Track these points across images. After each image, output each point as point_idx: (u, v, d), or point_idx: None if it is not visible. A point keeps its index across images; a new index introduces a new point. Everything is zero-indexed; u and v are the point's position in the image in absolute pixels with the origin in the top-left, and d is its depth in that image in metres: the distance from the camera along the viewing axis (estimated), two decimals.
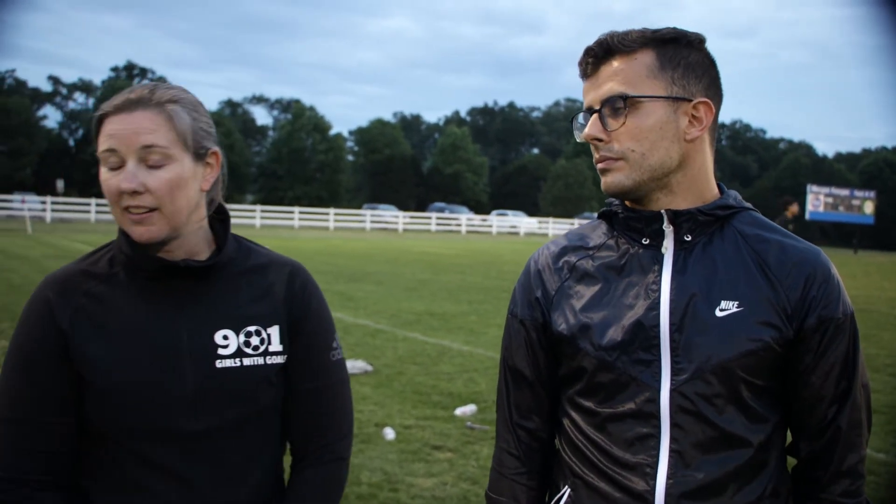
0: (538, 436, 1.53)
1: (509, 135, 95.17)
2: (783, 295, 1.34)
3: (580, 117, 1.43)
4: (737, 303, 1.33)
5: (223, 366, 1.44)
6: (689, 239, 1.38)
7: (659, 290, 1.36)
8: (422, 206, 64.83)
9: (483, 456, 5.17)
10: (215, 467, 1.44)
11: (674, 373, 1.33)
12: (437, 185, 70.49)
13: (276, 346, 1.51)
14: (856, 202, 55.80)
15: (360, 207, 56.01)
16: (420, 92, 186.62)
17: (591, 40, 1.39)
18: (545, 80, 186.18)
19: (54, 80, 67.96)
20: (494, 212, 57.86)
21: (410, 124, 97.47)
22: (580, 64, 1.41)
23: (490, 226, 50.19)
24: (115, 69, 66.40)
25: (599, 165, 1.39)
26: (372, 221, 46.10)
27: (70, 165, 58.02)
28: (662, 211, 1.38)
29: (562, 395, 1.49)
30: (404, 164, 69.74)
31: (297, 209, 44.00)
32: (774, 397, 1.39)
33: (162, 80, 65.70)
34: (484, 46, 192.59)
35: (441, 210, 54.17)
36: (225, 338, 1.46)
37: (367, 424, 5.75)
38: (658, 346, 1.34)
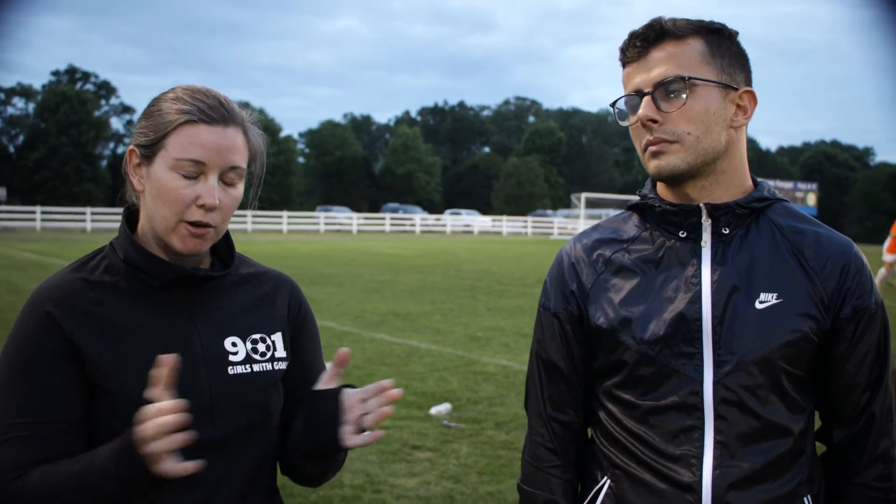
0: (573, 428, 1.54)
1: (460, 134, 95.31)
2: (820, 286, 1.38)
3: (621, 102, 1.44)
4: (776, 294, 1.37)
5: (235, 372, 1.44)
6: (727, 232, 1.41)
7: (700, 283, 1.39)
8: (375, 206, 64.55)
9: (462, 454, 5.20)
10: (230, 474, 1.43)
11: (716, 365, 1.35)
12: (390, 186, 70.33)
13: (280, 352, 1.52)
14: (799, 194, 57.33)
15: (313, 210, 55.56)
16: (370, 93, 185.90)
17: (540, 38, 1.40)
18: (495, 79, 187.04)
19: None
20: (448, 211, 57.91)
21: (361, 125, 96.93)
22: (625, 48, 1.41)
23: (444, 225, 50.20)
24: (56, 73, 64.66)
25: (652, 148, 1.39)
26: (326, 223, 45.76)
27: (11, 173, 56.31)
28: (701, 205, 1.40)
29: (596, 387, 1.51)
30: (356, 165, 69.45)
31: (249, 212, 43.36)
32: (810, 386, 1.42)
33: (106, 84, 64.42)
34: (435, 46, 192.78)
35: (395, 210, 54.02)
36: (234, 345, 1.46)
37: None
38: (700, 339, 1.37)
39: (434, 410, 6.21)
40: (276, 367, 1.51)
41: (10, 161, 58.87)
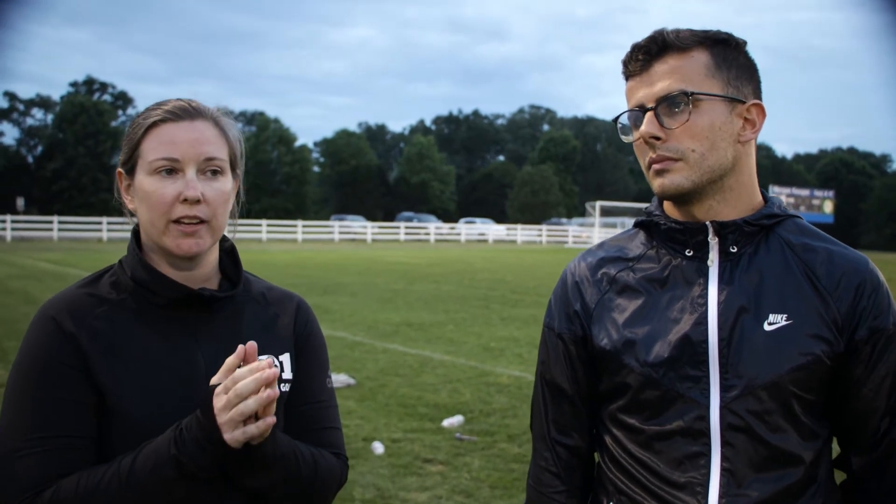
0: (578, 452, 1.49)
1: (475, 143, 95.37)
2: (833, 306, 1.32)
3: (624, 117, 1.39)
4: (785, 316, 1.31)
5: None
6: (735, 250, 1.35)
7: (706, 303, 1.34)
8: (389, 215, 64.67)
9: (475, 468, 5.14)
10: (234, 496, 1.40)
11: (723, 389, 1.30)
12: (404, 195, 70.42)
13: (287, 373, 1.50)
14: (815, 202, 57.00)
15: (327, 219, 55.66)
16: (385, 101, 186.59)
17: (554, 46, 1.36)
18: (509, 88, 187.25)
19: (11, 96, 66.53)
20: (462, 220, 58.00)
21: (376, 134, 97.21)
22: (627, 61, 1.37)
23: (458, 234, 50.23)
24: (74, 84, 65.30)
25: (656, 166, 1.34)
26: (340, 232, 45.87)
27: (29, 183, 56.87)
28: (708, 223, 1.35)
29: (602, 410, 1.46)
30: (371, 174, 69.58)
31: (264, 222, 43.61)
32: (824, 411, 1.36)
33: (123, 95, 65.01)
34: (449, 54, 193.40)
35: (409, 219, 54.10)
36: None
37: (354, 439, 5.68)
38: (706, 361, 1.31)
39: (446, 423, 6.15)
40: (282, 389, 1.48)
41: (29, 171, 59.45)
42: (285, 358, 1.51)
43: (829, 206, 57.99)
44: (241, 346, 1.27)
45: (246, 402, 1.23)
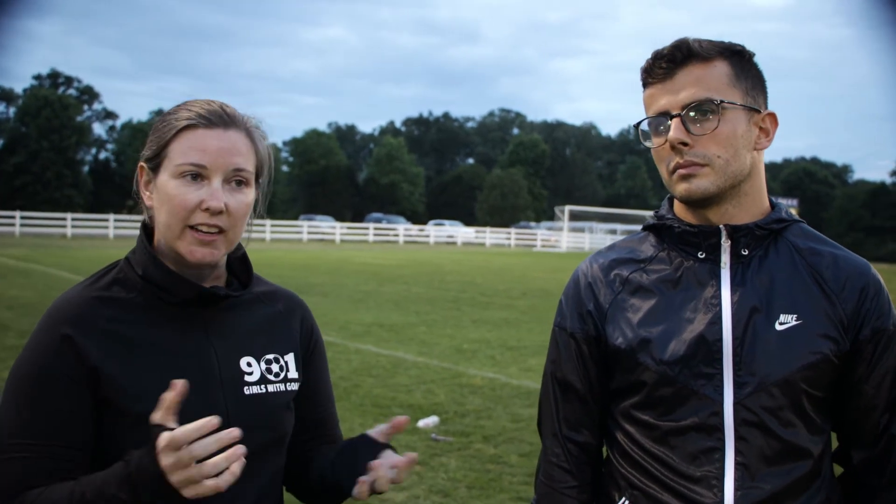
0: (588, 448, 1.53)
1: (444, 145, 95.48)
2: (839, 307, 1.38)
3: (645, 124, 1.43)
4: (795, 316, 1.37)
5: (251, 392, 1.43)
6: (746, 253, 1.41)
7: (720, 304, 1.39)
8: (358, 216, 64.50)
9: (451, 468, 5.17)
10: (244, 494, 1.40)
11: (737, 386, 1.36)
12: (374, 196, 70.32)
13: (293, 372, 1.51)
14: None
15: (296, 218, 55.36)
16: (355, 102, 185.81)
17: (525, 50, 1.39)
18: (480, 90, 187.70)
19: None
20: (431, 222, 57.97)
21: (345, 135, 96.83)
22: (649, 68, 1.40)
23: (427, 236, 50.22)
24: (38, 77, 64.12)
25: (682, 171, 1.38)
26: (309, 232, 45.63)
27: None
28: (721, 226, 1.40)
29: (613, 407, 1.50)
30: (340, 174, 69.37)
31: None
32: (829, 408, 1.43)
33: (89, 89, 63.94)
34: (421, 56, 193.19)
35: (378, 220, 53.97)
36: (249, 364, 1.45)
37: None
38: (721, 359, 1.37)
39: (422, 423, 6.17)
40: (289, 388, 1.49)
41: None
42: (290, 358, 1.51)
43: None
44: (179, 382, 1.19)
45: (202, 468, 1.15)
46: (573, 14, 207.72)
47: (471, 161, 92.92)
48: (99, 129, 66.56)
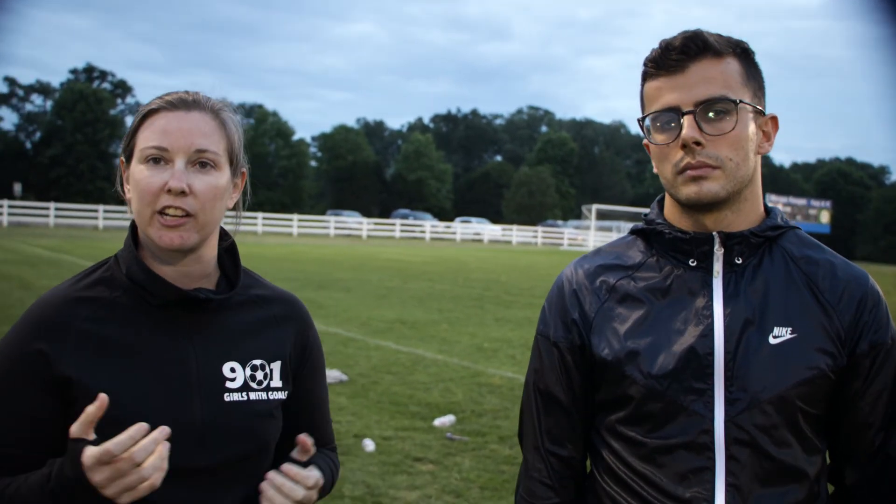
0: (572, 463, 1.47)
1: (472, 142, 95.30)
2: (836, 320, 1.31)
3: (651, 119, 1.34)
4: (790, 329, 1.30)
5: (231, 399, 1.39)
6: (740, 262, 1.34)
7: (711, 315, 1.32)
8: (385, 212, 64.59)
9: (465, 468, 5.15)
10: (220, 503, 1.37)
11: (728, 403, 1.28)
12: (401, 192, 70.35)
13: (276, 381, 1.47)
14: (812, 211, 57.15)
15: (323, 213, 55.60)
16: (384, 98, 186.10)
17: (555, 47, 1.32)
18: (509, 88, 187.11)
19: (11, 81, 66.24)
20: (458, 219, 57.91)
21: (374, 130, 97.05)
22: (658, 58, 1.31)
23: (454, 233, 50.18)
24: (74, 71, 65.12)
25: (692, 172, 1.29)
26: (336, 228, 45.78)
27: (27, 169, 56.59)
28: (714, 233, 1.33)
29: (598, 421, 1.43)
30: (368, 170, 69.48)
31: (260, 215, 43.51)
32: (824, 426, 1.36)
33: (123, 83, 64.78)
34: (450, 53, 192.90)
35: (405, 217, 54.01)
36: (232, 370, 1.41)
37: (345, 436, 5.68)
38: (711, 374, 1.29)
39: (438, 422, 6.16)
40: (272, 397, 1.45)
41: (27, 157, 59.21)
42: (276, 366, 1.47)
43: (825, 217, 58.13)
44: (102, 396, 1.18)
45: (140, 472, 1.16)
46: (604, 11, 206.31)
47: (499, 158, 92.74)
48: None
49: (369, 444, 5.49)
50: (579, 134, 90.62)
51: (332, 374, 7.45)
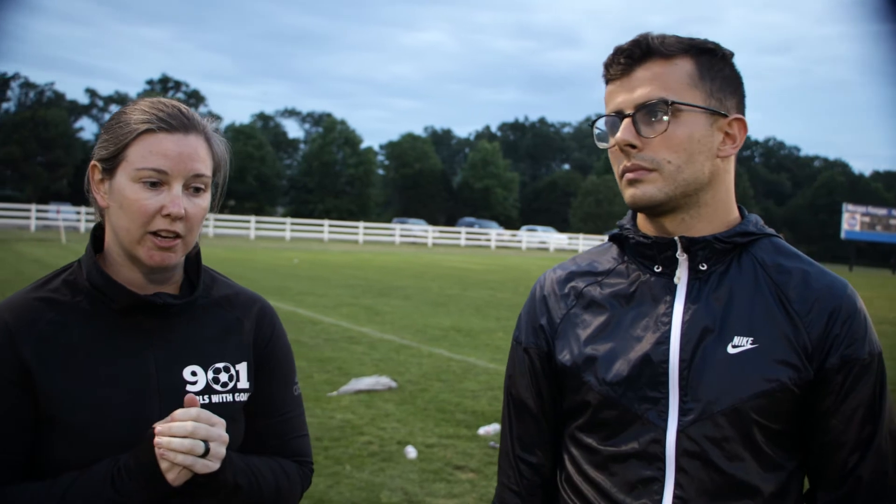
0: (541, 471, 1.44)
1: (540, 150, 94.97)
2: (804, 332, 1.24)
3: (601, 123, 1.35)
4: (751, 339, 1.24)
5: None
6: (705, 268, 1.30)
7: (670, 322, 1.28)
8: (451, 220, 64.86)
9: None
10: None
11: (681, 413, 1.24)
12: (467, 200, 70.52)
13: (244, 382, 1.47)
14: (893, 221, 54.81)
15: (389, 221, 56.15)
16: (452, 106, 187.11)
17: None
18: (577, 96, 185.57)
19: (91, 92, 68.87)
20: (524, 227, 57.84)
21: (441, 139, 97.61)
22: (609, 64, 1.31)
23: (520, 241, 50.08)
24: (150, 82, 67.50)
25: (629, 175, 1.29)
26: (401, 235, 46.19)
27: None
28: (676, 238, 1.29)
29: (564, 428, 1.41)
30: (434, 178, 69.87)
31: (326, 222, 44.23)
32: (792, 442, 1.29)
33: (196, 93, 66.77)
34: (518, 60, 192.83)
35: (471, 225, 54.18)
36: (193, 374, 1.41)
37: (389, 442, 5.69)
38: (666, 383, 1.26)
39: (483, 431, 6.11)
40: (237, 399, 1.45)
41: None
42: (242, 367, 1.47)
43: None
44: (189, 396, 1.30)
45: (192, 443, 1.25)
46: (676, 17, 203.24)
47: (566, 167, 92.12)
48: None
49: (411, 452, 5.47)
50: None
51: (382, 381, 7.48)
